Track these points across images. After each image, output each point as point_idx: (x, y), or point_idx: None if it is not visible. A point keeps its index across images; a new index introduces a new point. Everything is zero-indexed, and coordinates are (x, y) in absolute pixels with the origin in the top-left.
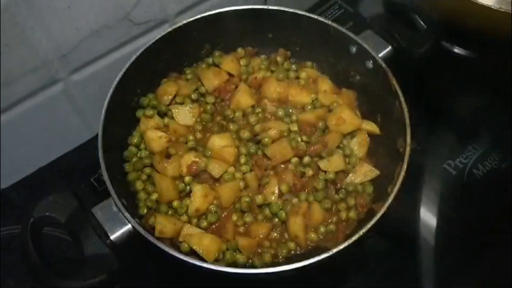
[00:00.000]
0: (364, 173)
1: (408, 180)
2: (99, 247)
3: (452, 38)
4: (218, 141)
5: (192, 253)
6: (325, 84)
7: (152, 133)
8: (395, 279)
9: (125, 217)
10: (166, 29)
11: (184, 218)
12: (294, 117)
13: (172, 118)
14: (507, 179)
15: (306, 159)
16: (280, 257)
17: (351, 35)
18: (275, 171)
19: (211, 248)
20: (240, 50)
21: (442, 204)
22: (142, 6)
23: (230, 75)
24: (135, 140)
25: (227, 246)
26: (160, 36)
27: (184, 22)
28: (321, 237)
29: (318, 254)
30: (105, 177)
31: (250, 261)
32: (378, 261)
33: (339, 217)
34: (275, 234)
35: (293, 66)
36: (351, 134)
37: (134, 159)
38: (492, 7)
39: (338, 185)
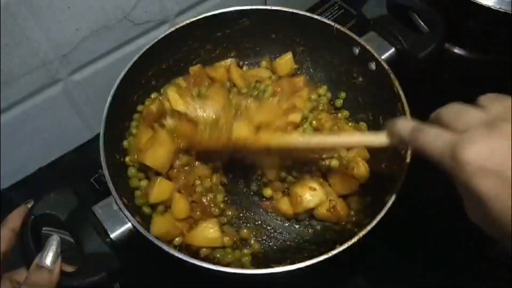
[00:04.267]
0: None
1: (408, 180)
2: (99, 246)
3: (453, 39)
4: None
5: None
6: None
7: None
8: (395, 279)
9: (125, 215)
10: (166, 29)
11: None
12: None
13: None
14: None
15: None
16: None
17: (355, 36)
18: None
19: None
20: None
21: (442, 204)
22: (142, 7)
23: None
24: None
25: None
26: (162, 36)
27: (186, 22)
28: None
29: (317, 256)
30: (106, 174)
31: None
32: (378, 261)
33: None
34: None
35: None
36: None
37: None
38: (492, 7)
39: None
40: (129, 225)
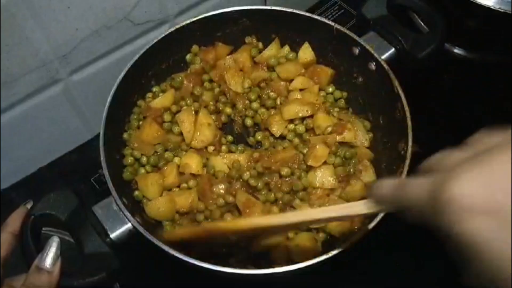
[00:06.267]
0: None
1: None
2: (99, 246)
3: (453, 39)
4: None
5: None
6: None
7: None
8: (395, 279)
9: (125, 215)
10: (166, 29)
11: None
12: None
13: None
14: None
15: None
16: None
17: (355, 36)
18: None
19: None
20: None
21: None
22: (142, 7)
23: None
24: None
25: None
26: (162, 36)
27: (186, 22)
28: None
29: (317, 256)
30: (106, 175)
31: None
32: (378, 261)
33: None
34: None
35: None
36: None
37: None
38: (492, 7)
39: None
40: (129, 225)
